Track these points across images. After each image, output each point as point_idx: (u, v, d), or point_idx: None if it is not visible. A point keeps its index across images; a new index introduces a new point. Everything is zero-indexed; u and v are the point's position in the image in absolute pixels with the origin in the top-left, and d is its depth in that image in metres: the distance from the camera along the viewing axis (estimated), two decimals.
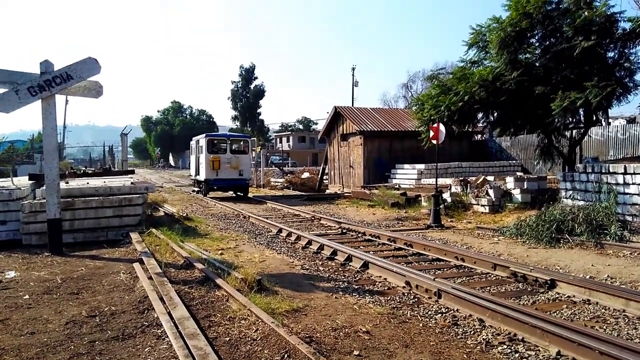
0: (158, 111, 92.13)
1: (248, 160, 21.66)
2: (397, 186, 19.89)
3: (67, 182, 12.32)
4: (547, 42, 12.70)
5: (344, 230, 11.36)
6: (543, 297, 6.01)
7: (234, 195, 21.69)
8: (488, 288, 6.44)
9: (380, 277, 7.00)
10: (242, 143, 21.79)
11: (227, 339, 4.47)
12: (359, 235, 10.69)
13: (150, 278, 6.35)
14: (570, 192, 11.56)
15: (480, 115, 14.61)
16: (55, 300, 5.71)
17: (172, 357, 4.00)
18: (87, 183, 12.29)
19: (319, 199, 20.61)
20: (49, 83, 8.25)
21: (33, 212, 9.18)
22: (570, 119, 13.01)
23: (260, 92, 73.26)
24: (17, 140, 45.91)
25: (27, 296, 5.86)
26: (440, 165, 16.49)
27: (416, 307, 5.63)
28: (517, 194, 13.53)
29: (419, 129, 15.69)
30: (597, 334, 4.28)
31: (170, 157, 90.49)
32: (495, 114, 14.39)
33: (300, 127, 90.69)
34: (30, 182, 12.16)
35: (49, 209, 8.44)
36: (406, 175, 21.52)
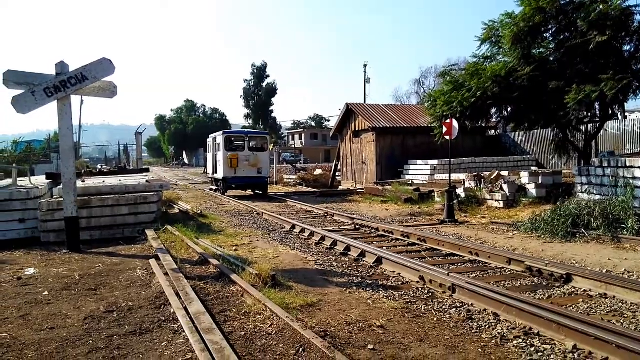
0: (172, 110, 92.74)
1: (267, 157, 21.22)
2: (410, 182, 19.82)
3: (83, 181, 12.49)
4: (561, 37, 12.54)
5: (357, 226, 11.36)
6: (559, 292, 5.96)
7: (250, 193, 21.31)
8: (503, 282, 6.40)
9: (394, 272, 7.00)
10: (260, 140, 21.34)
11: (243, 333, 4.50)
12: (372, 231, 10.68)
13: (166, 274, 6.42)
14: (586, 186, 11.42)
15: (493, 110, 14.51)
16: (74, 296, 5.80)
17: (189, 352, 4.04)
18: (103, 181, 12.44)
19: (332, 195, 20.63)
20: (64, 84, 8.35)
21: (51, 210, 9.33)
22: (586, 112, 12.87)
23: (272, 90, 73.43)
24: (34, 140, 46.54)
25: (46, 292, 5.95)
26: (453, 160, 16.41)
27: (430, 302, 5.61)
28: (531, 188, 13.41)
29: (432, 125, 15.63)
30: (614, 328, 4.24)
31: (184, 155, 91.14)
32: (509, 109, 14.28)
33: (313, 124, 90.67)
34: (48, 181, 12.34)
35: (66, 208, 8.56)
36: (419, 171, 21.43)
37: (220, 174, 20.62)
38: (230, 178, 19.98)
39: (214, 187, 23.02)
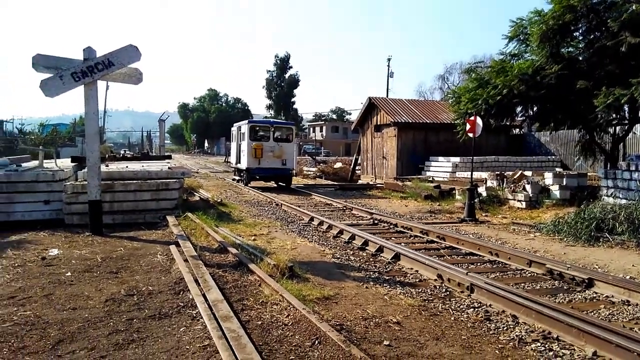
0: (195, 98, 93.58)
1: (292, 148, 20.69)
2: (431, 179, 19.67)
3: (107, 165, 12.70)
4: (592, 36, 12.24)
5: (376, 221, 11.33)
6: (580, 296, 5.86)
7: (270, 184, 20.93)
8: (522, 284, 6.32)
9: (411, 269, 6.97)
10: (285, 130, 20.88)
11: (259, 322, 4.54)
12: (391, 226, 10.64)
13: (185, 260, 6.50)
14: (612, 190, 11.18)
15: (519, 109, 14.27)
16: (96, 278, 5.92)
17: (206, 338, 4.09)
18: (126, 167, 12.63)
19: (351, 189, 20.60)
20: (91, 69, 8.47)
21: (75, 193, 9.50)
22: (614, 115, 12.55)
23: (294, 82, 73.48)
24: (60, 124, 47.43)
25: (69, 273, 6.09)
26: (476, 158, 16.20)
27: (448, 301, 5.58)
28: (555, 190, 13.19)
29: (455, 122, 15.45)
30: (636, 336, 4.15)
31: (206, 144, 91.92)
32: (535, 108, 14.02)
33: (334, 117, 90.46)
34: (73, 164, 12.59)
35: (90, 191, 8.71)
36: (440, 168, 21.25)
37: (244, 164, 20.22)
38: (254, 169, 19.55)
39: (237, 177, 22.65)
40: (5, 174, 9.45)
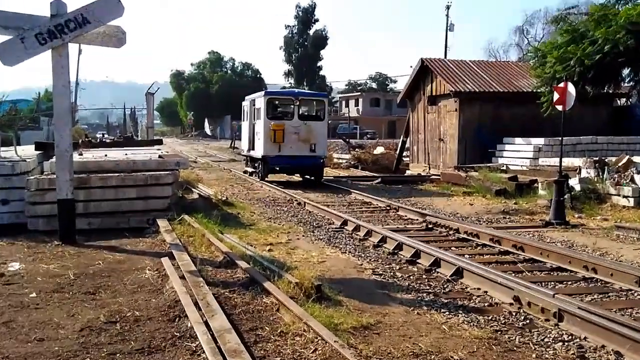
0: (192, 65, 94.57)
1: (323, 129, 19.83)
2: (504, 167, 19.47)
3: (80, 154, 12.99)
4: None
5: (430, 225, 11.32)
6: None
7: (294, 177, 20.62)
8: (629, 310, 6.23)
9: (478, 289, 6.94)
10: (315, 104, 20.42)
11: (278, 359, 4.60)
12: (450, 232, 10.62)
13: (182, 277, 6.61)
14: None
15: (626, 71, 13.99)
16: (68, 300, 6.09)
17: None
18: (105, 155, 12.90)
19: (397, 182, 20.61)
20: (60, 29, 8.59)
21: (40, 190, 9.74)
22: None
23: (321, 40, 73.55)
24: (20, 100, 48.43)
25: (34, 294, 6.27)
26: (566, 140, 15.94)
27: (527, 332, 5.54)
28: None
29: (538, 90, 15.26)
30: None
31: (206, 124, 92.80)
32: None
33: (374, 86, 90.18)
34: (37, 152, 12.89)
35: (59, 187, 8.91)
36: (517, 154, 21.01)
37: (259, 152, 19.37)
38: (272, 157, 18.63)
39: (250, 169, 21.85)
40: None
